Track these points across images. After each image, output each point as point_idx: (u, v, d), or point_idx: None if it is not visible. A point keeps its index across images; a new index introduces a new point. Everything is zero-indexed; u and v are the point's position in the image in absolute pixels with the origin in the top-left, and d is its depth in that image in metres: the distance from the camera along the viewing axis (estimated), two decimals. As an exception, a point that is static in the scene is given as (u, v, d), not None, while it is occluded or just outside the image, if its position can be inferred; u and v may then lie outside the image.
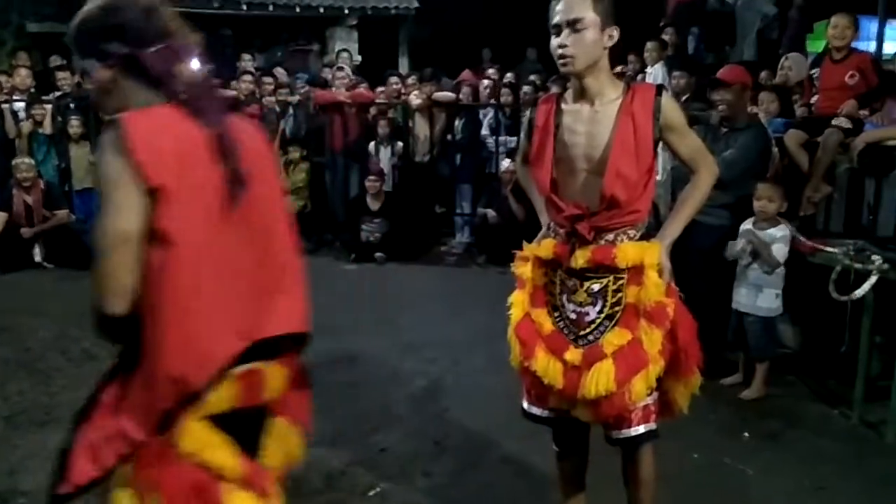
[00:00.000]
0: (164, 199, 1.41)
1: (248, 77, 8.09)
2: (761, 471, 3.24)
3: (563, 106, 2.33)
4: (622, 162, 2.20)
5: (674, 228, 2.35)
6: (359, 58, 11.53)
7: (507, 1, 11.40)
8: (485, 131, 7.88)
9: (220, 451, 1.56)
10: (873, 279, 3.47)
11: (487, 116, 7.92)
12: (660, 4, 8.83)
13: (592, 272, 2.29)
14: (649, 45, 7.37)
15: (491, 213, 7.13)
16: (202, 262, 1.47)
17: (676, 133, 2.30)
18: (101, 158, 1.43)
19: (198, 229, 1.46)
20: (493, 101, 7.92)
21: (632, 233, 2.29)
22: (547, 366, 2.32)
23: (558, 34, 2.21)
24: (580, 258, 2.27)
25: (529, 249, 2.45)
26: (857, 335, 3.74)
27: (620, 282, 2.28)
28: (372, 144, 7.82)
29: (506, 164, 7.23)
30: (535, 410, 2.51)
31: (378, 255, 7.16)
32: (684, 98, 6.56)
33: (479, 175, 7.81)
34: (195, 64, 1.54)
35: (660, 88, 2.30)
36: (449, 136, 7.88)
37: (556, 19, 2.21)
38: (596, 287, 2.30)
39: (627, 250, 2.25)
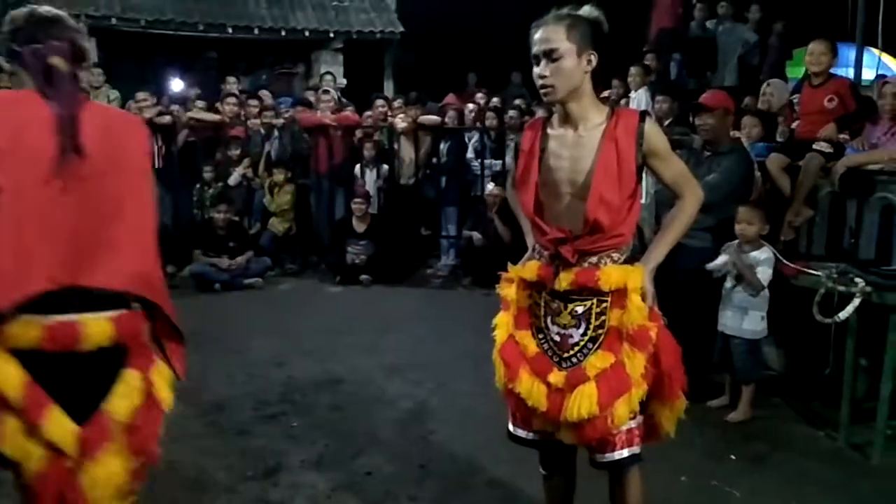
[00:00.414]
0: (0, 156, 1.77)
1: (232, 99, 8.11)
2: (748, 493, 3.23)
3: (549, 131, 2.35)
4: (605, 186, 2.21)
5: (658, 252, 2.36)
6: (344, 81, 11.59)
7: (492, 25, 11.50)
8: (470, 154, 7.92)
9: (9, 380, 1.77)
10: (856, 301, 3.49)
11: (472, 140, 7.97)
12: (642, 30, 8.95)
13: (576, 294, 2.30)
14: (633, 70, 7.46)
15: (476, 235, 7.15)
16: (23, 209, 1.76)
17: (660, 158, 2.32)
18: None
19: (25, 183, 1.77)
20: (478, 124, 7.97)
21: (616, 256, 2.30)
22: (531, 388, 2.30)
23: (538, 64, 2.24)
24: (563, 280, 2.28)
25: (514, 271, 2.45)
26: (841, 357, 3.76)
27: (604, 305, 2.29)
28: (357, 167, 7.83)
29: (490, 187, 7.27)
30: (521, 433, 2.50)
31: (364, 277, 7.14)
32: (667, 122, 6.63)
33: (464, 198, 7.85)
34: (61, 62, 1.88)
35: (643, 115, 2.32)
36: (434, 160, 7.92)
37: (533, 49, 2.24)
38: (580, 309, 2.30)
39: (611, 273, 2.26)
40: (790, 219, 4.54)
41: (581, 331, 2.31)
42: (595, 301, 2.29)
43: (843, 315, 3.52)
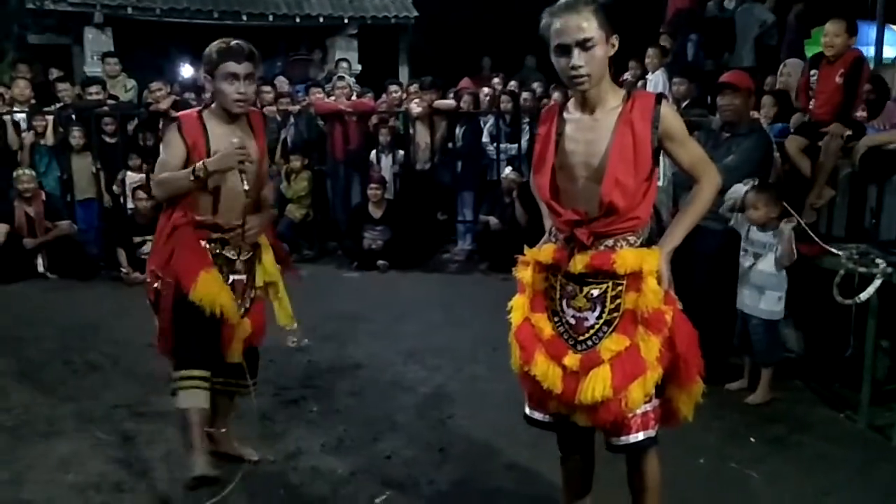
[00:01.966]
0: None
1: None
2: (767, 476, 3.22)
3: (565, 115, 2.35)
4: (620, 169, 2.21)
5: (675, 237, 2.35)
6: (359, 67, 11.56)
7: (506, 9, 11.42)
8: (485, 139, 7.89)
9: None
10: (878, 282, 3.46)
11: (488, 124, 7.93)
12: (659, 11, 8.86)
13: (592, 277, 2.30)
14: (650, 51, 7.39)
15: (493, 219, 7.14)
16: None
17: (676, 142, 2.31)
18: None
19: None
20: (493, 108, 7.93)
21: (632, 239, 2.30)
22: (546, 370, 2.32)
23: (565, 54, 2.20)
24: (579, 263, 2.29)
25: (530, 254, 2.45)
26: (862, 339, 3.74)
27: (619, 288, 2.29)
28: (373, 153, 7.83)
29: (507, 171, 7.24)
30: (537, 415, 2.51)
31: (380, 262, 7.15)
32: (685, 104, 6.57)
33: (480, 182, 7.82)
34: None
35: (659, 97, 2.30)
36: (450, 144, 7.90)
37: (562, 39, 2.19)
38: (595, 292, 2.31)
39: (626, 256, 2.26)
40: (812, 201, 4.49)
41: (596, 314, 2.31)
42: (611, 284, 2.30)
43: (863, 296, 3.49)
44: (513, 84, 8.88)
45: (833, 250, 3.76)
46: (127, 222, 6.97)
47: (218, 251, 3.01)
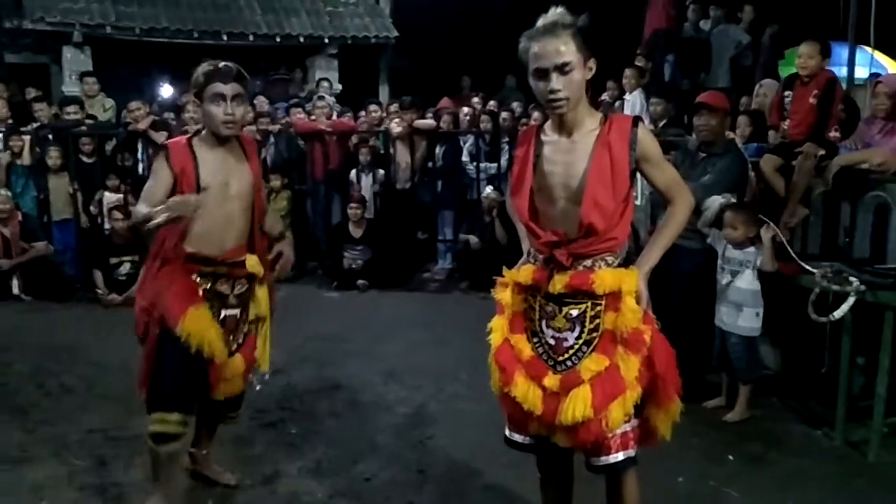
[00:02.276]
0: None
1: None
2: (746, 493, 3.24)
3: (543, 137, 2.37)
4: (598, 191, 2.24)
5: (652, 257, 2.38)
6: (339, 86, 11.59)
7: (486, 29, 11.51)
8: (465, 158, 7.93)
9: None
10: (851, 300, 3.50)
11: (468, 143, 7.98)
12: (636, 32, 8.97)
13: (571, 298, 2.31)
14: (627, 72, 7.47)
15: (473, 238, 7.16)
16: None
17: (651, 164, 2.34)
18: None
19: None
20: (473, 128, 7.98)
21: (610, 259, 2.32)
22: (526, 392, 2.32)
23: (543, 77, 2.22)
24: (558, 283, 2.30)
25: (509, 275, 2.45)
26: (837, 356, 3.77)
27: (598, 308, 2.31)
28: (353, 172, 7.84)
29: (488, 190, 7.28)
30: (517, 437, 2.50)
31: (360, 282, 7.14)
32: (662, 124, 6.65)
33: (460, 201, 7.85)
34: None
35: (636, 120, 2.34)
36: (430, 164, 7.92)
37: (540, 63, 2.21)
38: (574, 312, 2.32)
39: (605, 277, 2.28)
40: (786, 220, 4.54)
41: (576, 334, 2.32)
42: (589, 304, 2.31)
43: (838, 314, 3.53)
44: (492, 104, 8.94)
45: (808, 268, 3.80)
46: (104, 243, 6.91)
47: (209, 285, 2.88)
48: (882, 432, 3.59)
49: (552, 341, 2.36)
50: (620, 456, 2.35)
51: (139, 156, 7.54)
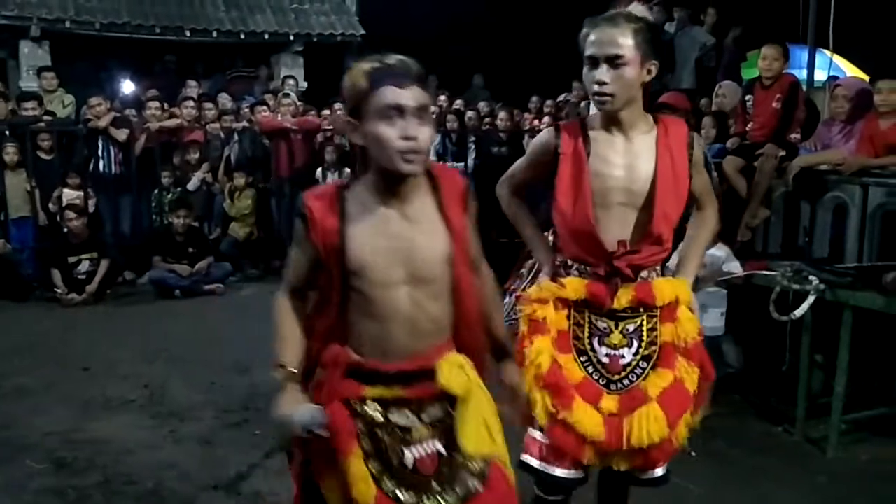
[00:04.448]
0: None
1: (190, 103, 8.00)
2: (708, 489, 3.27)
3: (591, 133, 2.16)
4: (668, 199, 2.11)
5: (693, 265, 2.29)
6: (305, 84, 11.50)
7: (454, 28, 11.52)
8: (432, 157, 7.90)
9: None
10: (811, 299, 3.56)
11: (434, 142, 7.96)
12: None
13: (625, 312, 2.16)
14: (593, 72, 7.51)
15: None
16: None
17: (696, 169, 2.22)
18: None
19: None
20: (440, 127, 7.97)
21: (658, 269, 2.22)
22: (585, 416, 2.11)
23: (594, 67, 2.06)
24: (623, 298, 2.13)
25: (549, 290, 2.20)
26: (797, 354, 3.84)
27: (654, 320, 2.18)
28: (319, 171, 7.78)
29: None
30: (560, 472, 2.20)
31: (326, 281, 7.07)
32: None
33: (427, 200, 7.83)
34: None
35: (689, 124, 2.25)
36: (396, 162, 7.89)
37: (592, 51, 2.06)
38: (631, 327, 2.17)
39: (664, 287, 2.16)
40: (747, 220, 4.62)
41: (633, 350, 2.18)
42: (645, 317, 2.17)
43: (798, 313, 3.59)
44: (459, 103, 8.94)
45: (768, 271, 3.87)
46: (62, 241, 6.77)
47: (380, 418, 1.76)
48: (840, 429, 3.66)
49: (606, 360, 2.18)
50: (663, 469, 2.29)
51: (100, 153, 7.41)
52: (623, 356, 2.17)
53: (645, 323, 2.17)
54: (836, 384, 3.61)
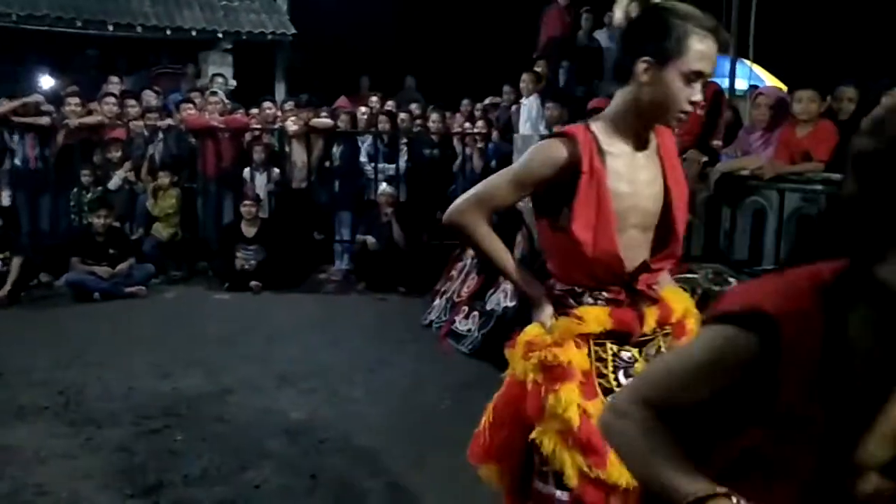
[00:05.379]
0: None
1: (111, 99, 7.75)
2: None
3: (605, 147, 1.86)
4: (680, 217, 1.94)
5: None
6: (234, 83, 11.27)
7: (386, 29, 11.49)
8: (363, 158, 7.86)
9: None
10: (731, 300, 3.66)
11: (366, 143, 7.91)
12: (532, 39, 9.14)
13: (643, 335, 1.95)
14: (525, 76, 7.60)
15: (371, 239, 7.09)
16: None
17: None
18: None
19: None
20: (371, 128, 7.93)
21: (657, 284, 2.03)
22: (621, 472, 1.75)
23: (691, 81, 1.79)
24: (650, 319, 1.92)
25: (567, 328, 1.88)
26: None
27: (668, 338, 1.99)
28: (247, 170, 7.64)
29: (383, 186, 7.27)
30: None
31: (253, 283, 6.94)
32: (556, 128, 6.78)
33: (358, 202, 7.78)
34: None
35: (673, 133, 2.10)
36: (327, 163, 7.82)
37: (702, 66, 1.78)
38: (652, 351, 1.96)
39: (675, 301, 2.00)
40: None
41: None
42: (661, 336, 1.99)
43: (718, 314, 3.68)
44: (391, 104, 8.91)
45: (690, 273, 3.96)
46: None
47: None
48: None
49: None
50: None
51: (13, 146, 7.14)
52: None
53: (660, 341, 1.97)
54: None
